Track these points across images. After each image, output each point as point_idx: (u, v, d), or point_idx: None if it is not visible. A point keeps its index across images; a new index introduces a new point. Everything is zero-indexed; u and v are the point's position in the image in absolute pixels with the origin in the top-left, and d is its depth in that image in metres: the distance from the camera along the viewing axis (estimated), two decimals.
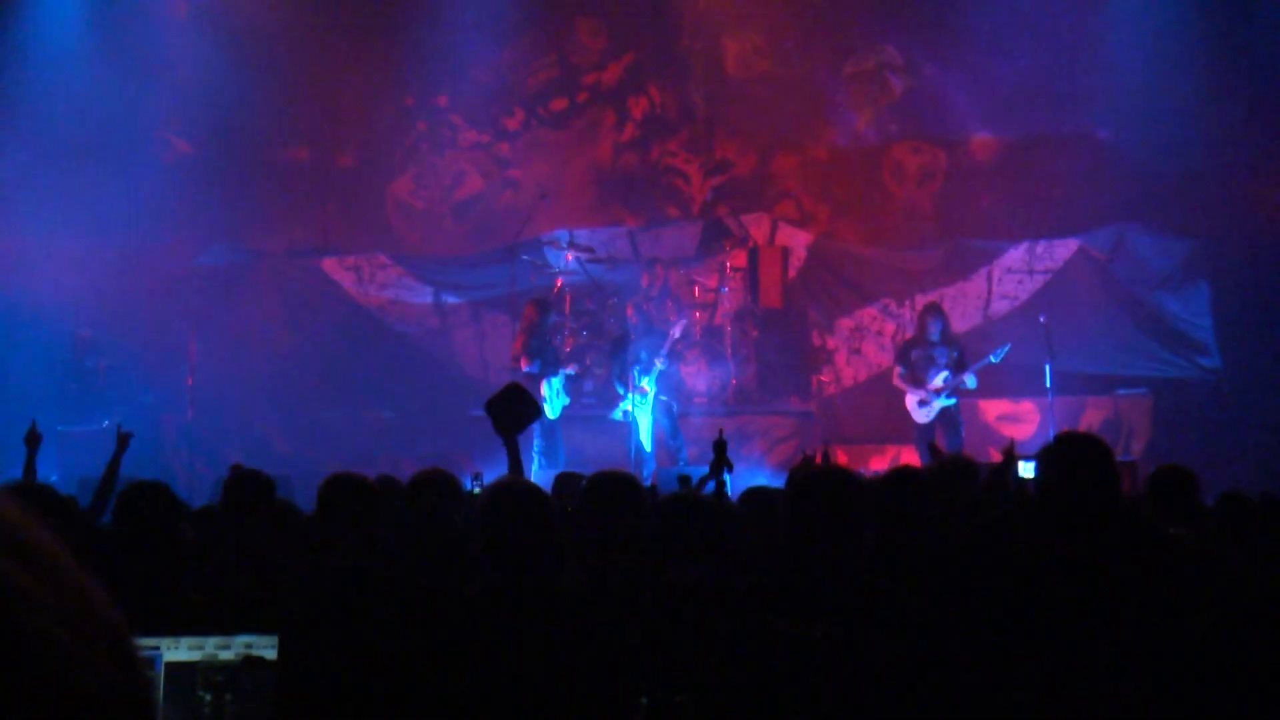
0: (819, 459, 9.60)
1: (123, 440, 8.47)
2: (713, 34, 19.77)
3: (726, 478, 7.71)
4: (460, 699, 4.23)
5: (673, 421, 15.24)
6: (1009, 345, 14.72)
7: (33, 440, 8.42)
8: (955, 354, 14.89)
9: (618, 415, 15.33)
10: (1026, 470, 9.05)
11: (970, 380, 14.74)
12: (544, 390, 14.79)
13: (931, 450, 11.00)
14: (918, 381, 14.93)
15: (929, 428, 14.80)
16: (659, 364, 15.09)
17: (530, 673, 4.29)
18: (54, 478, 13.71)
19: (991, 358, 14.67)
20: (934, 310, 15.29)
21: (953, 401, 14.82)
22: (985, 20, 18.09)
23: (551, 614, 4.44)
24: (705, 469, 8.12)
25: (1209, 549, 4.97)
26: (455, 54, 19.59)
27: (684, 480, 9.71)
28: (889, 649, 4.31)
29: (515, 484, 5.12)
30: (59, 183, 17.31)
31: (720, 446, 7.74)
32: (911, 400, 15.00)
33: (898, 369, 15.23)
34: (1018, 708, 4.19)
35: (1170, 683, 4.09)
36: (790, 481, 5.11)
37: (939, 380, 14.80)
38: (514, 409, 7.13)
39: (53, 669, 1.09)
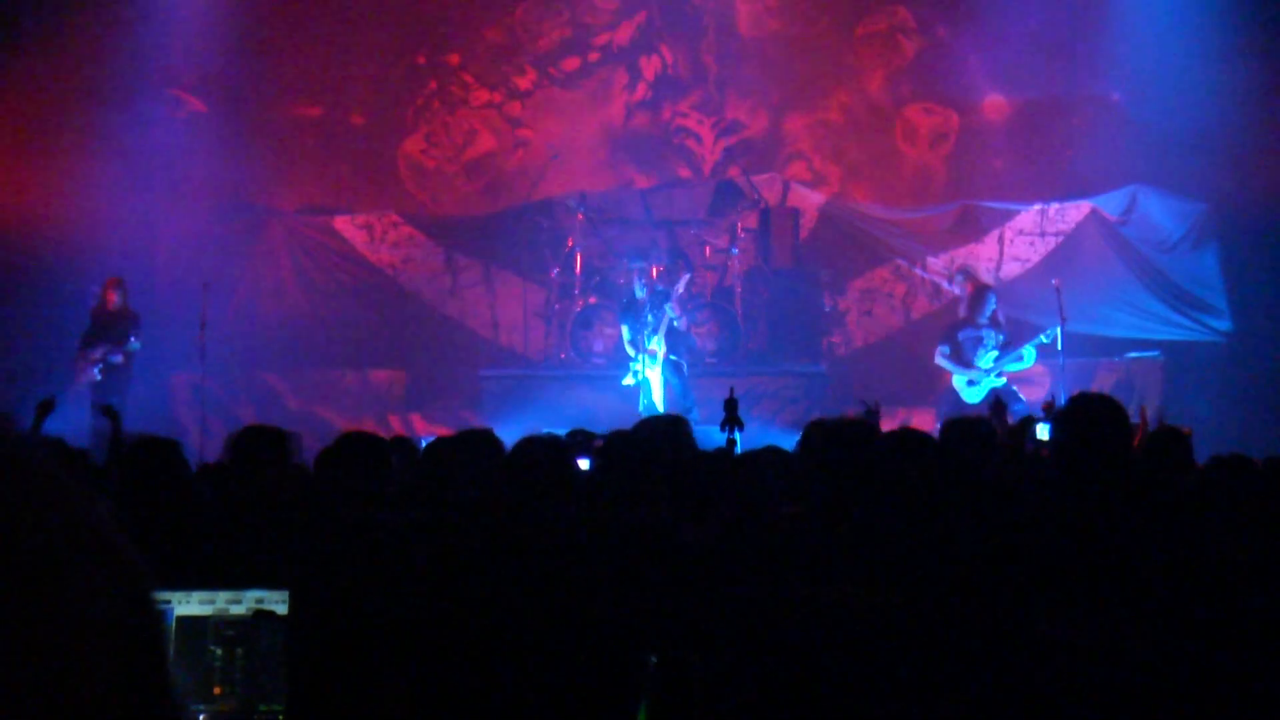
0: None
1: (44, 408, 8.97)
2: None
3: (737, 436, 7.73)
4: (469, 654, 4.24)
5: (683, 381, 15.22)
6: (1059, 326, 14.65)
7: (45, 408, 8.87)
8: (1003, 337, 14.83)
9: (630, 380, 15.32)
10: (1043, 433, 9.07)
11: (1030, 354, 14.68)
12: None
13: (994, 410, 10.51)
14: (964, 362, 14.87)
15: (975, 409, 14.67)
16: (668, 315, 15.06)
17: (540, 629, 4.30)
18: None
19: (1042, 337, 14.63)
20: (988, 291, 15.21)
21: (1003, 381, 14.77)
22: None
23: (563, 570, 4.45)
24: (715, 429, 8.15)
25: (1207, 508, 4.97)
26: (467, 12, 19.54)
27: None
28: (905, 612, 4.31)
29: (538, 436, 5.12)
30: (68, 141, 17.28)
31: (731, 405, 7.76)
32: (960, 380, 14.94)
33: (939, 349, 15.10)
34: (1034, 670, 4.19)
35: (1186, 641, 4.09)
36: (808, 437, 5.09)
37: (987, 360, 14.75)
38: None
39: (71, 607, 1.09)
